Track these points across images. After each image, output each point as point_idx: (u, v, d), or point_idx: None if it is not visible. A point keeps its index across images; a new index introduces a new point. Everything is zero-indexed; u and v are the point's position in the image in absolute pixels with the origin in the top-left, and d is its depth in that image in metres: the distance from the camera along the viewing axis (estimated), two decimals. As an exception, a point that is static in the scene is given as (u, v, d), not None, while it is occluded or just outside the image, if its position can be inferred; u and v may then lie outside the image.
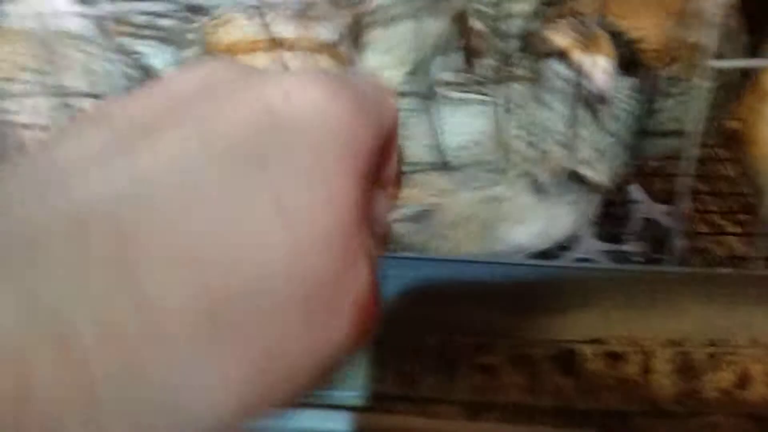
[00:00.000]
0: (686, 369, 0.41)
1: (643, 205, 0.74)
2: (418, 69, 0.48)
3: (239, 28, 0.49)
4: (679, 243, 0.40)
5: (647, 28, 0.50)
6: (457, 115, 0.46)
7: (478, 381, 0.42)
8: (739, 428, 0.37)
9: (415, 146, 0.46)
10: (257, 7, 0.47)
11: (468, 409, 0.40)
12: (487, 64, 0.48)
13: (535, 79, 0.44)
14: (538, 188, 0.45)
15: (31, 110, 0.46)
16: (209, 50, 0.49)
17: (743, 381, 0.40)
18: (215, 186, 0.14)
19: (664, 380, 0.40)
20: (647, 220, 0.74)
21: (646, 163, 0.70)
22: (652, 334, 0.43)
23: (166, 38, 0.53)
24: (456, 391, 0.41)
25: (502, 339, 0.44)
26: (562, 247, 0.52)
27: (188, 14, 0.50)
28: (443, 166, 0.45)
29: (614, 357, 0.43)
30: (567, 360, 0.43)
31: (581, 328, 0.44)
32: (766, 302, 0.41)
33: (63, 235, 0.13)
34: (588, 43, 0.41)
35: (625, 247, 0.55)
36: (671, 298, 0.42)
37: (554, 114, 0.44)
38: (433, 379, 0.41)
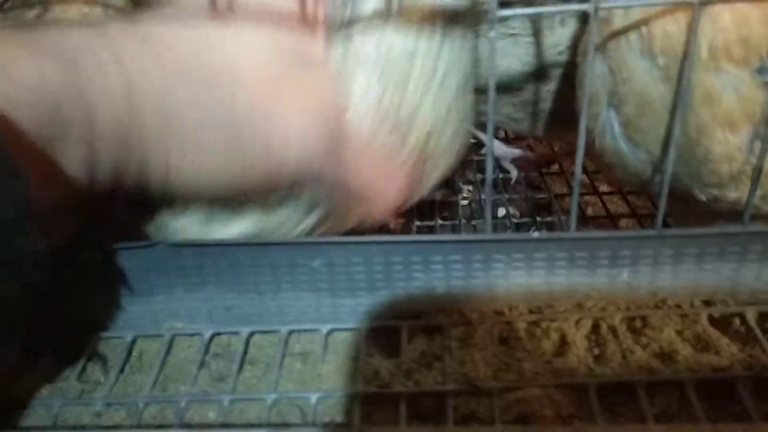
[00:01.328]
0: (507, 340, 0.40)
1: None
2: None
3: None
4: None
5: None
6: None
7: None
8: (551, 400, 0.35)
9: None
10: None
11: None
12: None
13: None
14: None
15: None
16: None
17: (562, 348, 0.38)
18: None
19: (484, 354, 0.38)
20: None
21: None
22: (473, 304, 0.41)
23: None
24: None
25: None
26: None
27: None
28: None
29: (434, 331, 0.41)
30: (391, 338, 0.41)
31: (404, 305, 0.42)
32: (586, 263, 0.39)
33: None
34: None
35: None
36: (489, 266, 0.40)
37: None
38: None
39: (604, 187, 0.68)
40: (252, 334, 0.42)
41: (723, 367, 0.36)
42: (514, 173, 0.72)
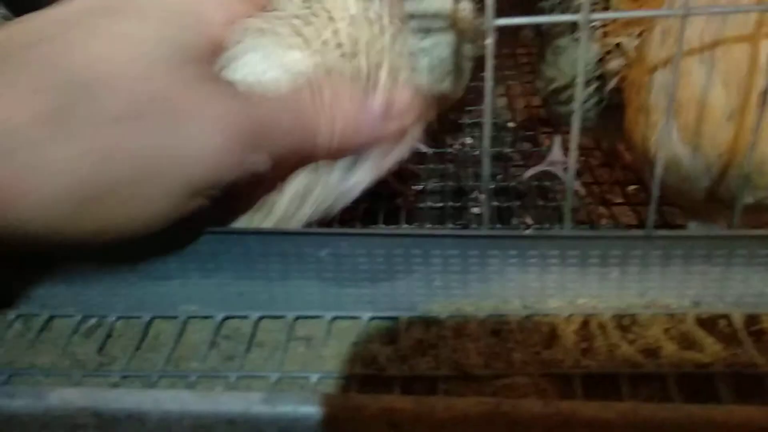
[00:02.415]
0: (499, 332, 0.41)
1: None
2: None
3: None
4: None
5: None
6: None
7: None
8: (537, 387, 0.37)
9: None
10: None
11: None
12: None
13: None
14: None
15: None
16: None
17: (550, 341, 0.40)
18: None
19: (477, 344, 0.41)
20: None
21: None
22: (471, 298, 0.43)
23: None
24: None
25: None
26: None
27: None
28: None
29: (430, 321, 0.43)
30: (390, 327, 0.43)
31: (404, 296, 0.44)
32: (577, 262, 0.41)
33: None
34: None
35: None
36: (485, 261, 0.42)
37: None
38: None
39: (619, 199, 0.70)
40: (260, 318, 0.44)
41: (705, 363, 0.38)
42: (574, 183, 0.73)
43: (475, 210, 0.72)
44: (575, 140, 0.38)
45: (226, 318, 0.45)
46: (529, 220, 0.70)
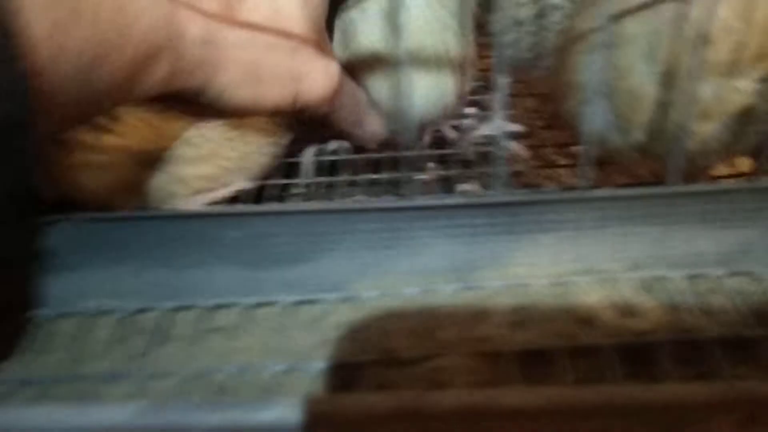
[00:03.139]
0: (429, 309, 0.39)
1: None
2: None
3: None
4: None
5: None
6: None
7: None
8: (468, 367, 0.34)
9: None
10: None
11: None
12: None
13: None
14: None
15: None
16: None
17: (483, 316, 0.38)
18: None
19: (406, 324, 0.38)
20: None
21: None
22: (400, 275, 0.40)
23: None
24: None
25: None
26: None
27: None
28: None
29: (358, 302, 0.40)
30: (314, 310, 0.40)
31: (329, 276, 0.41)
32: (511, 230, 0.38)
33: None
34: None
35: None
36: (413, 234, 0.39)
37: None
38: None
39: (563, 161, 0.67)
40: (175, 309, 0.41)
41: (644, 331, 0.35)
42: (516, 147, 0.70)
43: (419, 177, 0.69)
44: (502, 92, 0.35)
45: (133, 312, 0.41)
46: (475, 188, 0.67)
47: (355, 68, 0.49)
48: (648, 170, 0.50)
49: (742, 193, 0.37)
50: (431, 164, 0.73)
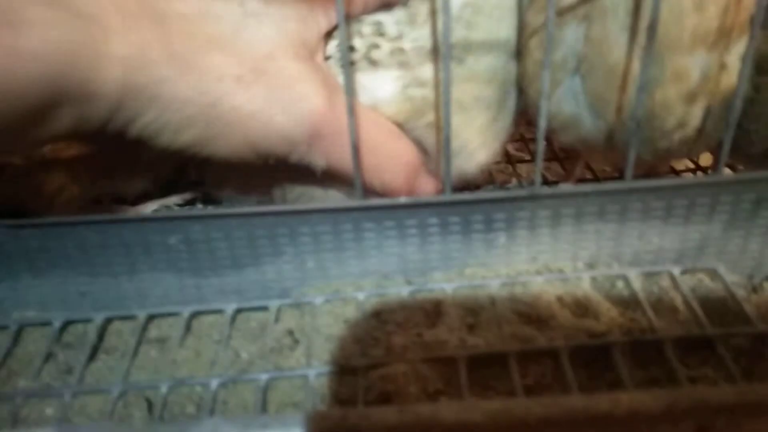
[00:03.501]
0: (380, 313, 0.37)
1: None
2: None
3: None
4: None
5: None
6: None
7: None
8: (417, 375, 0.33)
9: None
10: None
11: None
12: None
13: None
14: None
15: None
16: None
17: (435, 320, 0.36)
18: None
19: (355, 329, 0.36)
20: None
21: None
22: (349, 278, 0.38)
23: None
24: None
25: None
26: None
27: None
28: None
29: (304, 308, 0.38)
30: (257, 318, 0.38)
31: (273, 282, 0.39)
32: (461, 228, 0.37)
33: None
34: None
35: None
36: (360, 236, 0.37)
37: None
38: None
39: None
40: (107, 320, 0.38)
41: (600, 332, 0.34)
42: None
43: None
44: (447, 88, 0.33)
45: (67, 323, 0.38)
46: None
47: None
48: (611, 164, 0.48)
49: (700, 188, 0.36)
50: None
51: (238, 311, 0.38)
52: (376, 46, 0.37)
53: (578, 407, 0.23)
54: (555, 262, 0.38)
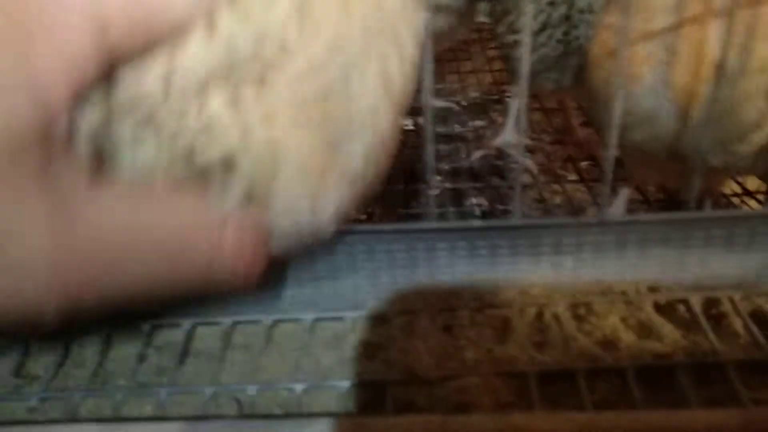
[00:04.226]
0: (451, 328, 0.39)
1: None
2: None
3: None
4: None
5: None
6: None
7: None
8: (490, 388, 0.35)
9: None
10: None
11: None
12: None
13: None
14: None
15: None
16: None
17: (504, 336, 0.38)
18: None
19: (427, 343, 0.38)
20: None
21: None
22: (420, 294, 0.41)
23: None
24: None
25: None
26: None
27: None
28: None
29: (378, 321, 0.40)
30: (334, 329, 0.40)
31: (348, 295, 0.41)
32: (529, 251, 0.39)
33: None
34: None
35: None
36: (433, 255, 0.39)
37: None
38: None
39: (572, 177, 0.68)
40: (194, 326, 0.41)
41: (665, 353, 0.36)
42: (527, 163, 0.69)
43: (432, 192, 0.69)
44: (522, 106, 0.35)
45: (155, 327, 0.41)
46: (482, 202, 0.68)
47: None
48: (669, 179, 0.48)
49: (760, 219, 0.38)
50: (439, 177, 0.73)
51: (315, 320, 0.41)
52: None
53: (654, 420, 0.25)
54: (619, 285, 0.39)
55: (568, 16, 0.55)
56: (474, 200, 0.68)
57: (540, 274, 0.39)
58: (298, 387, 0.36)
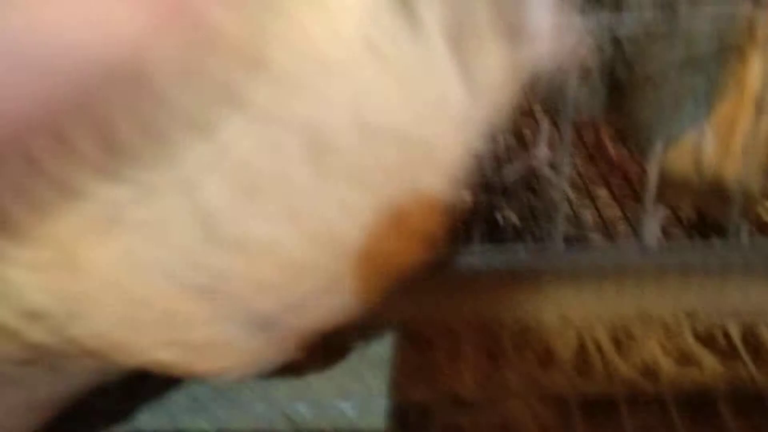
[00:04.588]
0: (493, 353, 0.40)
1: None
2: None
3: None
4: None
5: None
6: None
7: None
8: (536, 412, 0.36)
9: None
10: None
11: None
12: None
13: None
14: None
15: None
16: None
17: (546, 361, 0.39)
18: None
19: (470, 366, 0.39)
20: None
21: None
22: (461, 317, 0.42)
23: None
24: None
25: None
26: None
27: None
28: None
29: (423, 344, 0.41)
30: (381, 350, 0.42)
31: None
32: (572, 278, 0.40)
33: None
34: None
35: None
36: (475, 278, 0.40)
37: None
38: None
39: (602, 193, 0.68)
40: (244, 343, 0.43)
41: (705, 383, 0.37)
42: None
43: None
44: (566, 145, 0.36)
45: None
46: (513, 217, 0.69)
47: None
48: (708, 205, 0.49)
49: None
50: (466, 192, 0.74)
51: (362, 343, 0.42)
52: None
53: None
54: (658, 311, 0.40)
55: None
56: (504, 214, 0.69)
57: (581, 298, 0.40)
58: (346, 406, 0.38)
